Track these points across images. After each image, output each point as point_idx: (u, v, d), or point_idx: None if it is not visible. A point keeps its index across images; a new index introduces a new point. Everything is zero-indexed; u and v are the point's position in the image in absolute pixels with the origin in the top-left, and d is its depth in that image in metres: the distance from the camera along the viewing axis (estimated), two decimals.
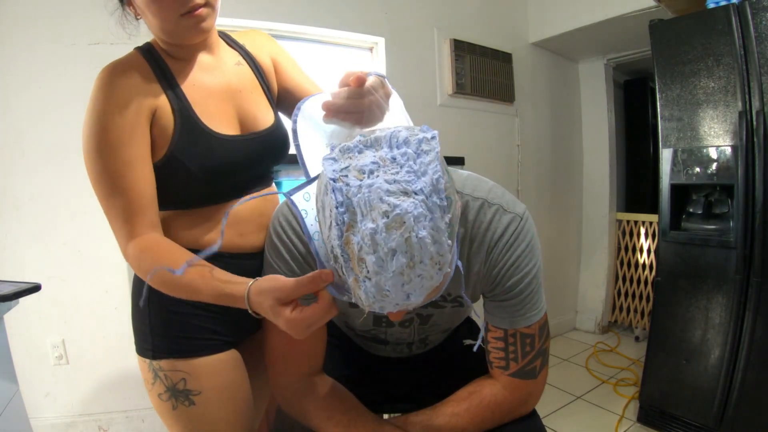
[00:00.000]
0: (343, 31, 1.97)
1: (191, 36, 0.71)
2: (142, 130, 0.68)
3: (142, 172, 0.68)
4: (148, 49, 0.75)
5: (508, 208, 0.67)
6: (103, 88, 0.68)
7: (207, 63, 0.79)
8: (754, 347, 1.46)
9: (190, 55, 0.77)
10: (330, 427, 0.69)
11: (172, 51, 0.75)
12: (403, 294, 0.44)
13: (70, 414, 1.66)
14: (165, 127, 0.71)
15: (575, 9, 2.36)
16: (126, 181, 0.66)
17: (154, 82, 0.72)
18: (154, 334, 0.76)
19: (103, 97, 0.67)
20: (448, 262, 0.46)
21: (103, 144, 0.66)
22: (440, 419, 0.70)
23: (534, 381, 0.71)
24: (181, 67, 0.76)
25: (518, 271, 0.66)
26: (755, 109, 1.43)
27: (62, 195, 1.57)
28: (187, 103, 0.73)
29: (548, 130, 2.79)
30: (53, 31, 1.51)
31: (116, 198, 0.67)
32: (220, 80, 0.79)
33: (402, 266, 0.42)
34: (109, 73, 0.69)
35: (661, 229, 1.74)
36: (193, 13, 0.68)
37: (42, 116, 1.53)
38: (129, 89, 0.68)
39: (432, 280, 0.45)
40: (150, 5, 0.67)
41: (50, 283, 1.57)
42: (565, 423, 1.87)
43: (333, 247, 0.46)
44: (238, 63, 0.83)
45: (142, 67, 0.72)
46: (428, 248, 0.43)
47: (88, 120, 0.67)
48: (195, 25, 0.69)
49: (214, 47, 0.80)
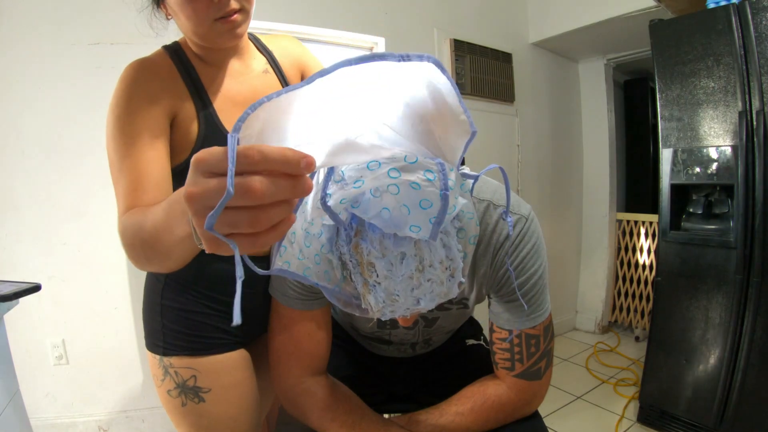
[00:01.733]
0: (343, 31, 1.96)
1: (224, 40, 0.71)
2: (159, 123, 0.68)
3: (152, 156, 0.67)
4: (176, 50, 0.75)
5: (513, 209, 0.67)
6: (127, 81, 0.68)
7: (235, 69, 0.79)
8: (754, 347, 1.46)
9: (221, 60, 0.77)
10: (334, 427, 0.69)
11: (202, 54, 0.76)
12: (412, 299, 0.44)
13: (70, 414, 1.65)
14: (188, 131, 0.72)
15: (575, 9, 2.36)
16: (132, 161, 0.65)
17: (180, 84, 0.72)
18: (165, 330, 0.77)
19: (128, 89, 0.67)
20: (459, 268, 0.45)
21: (119, 130, 0.66)
22: (444, 418, 0.70)
23: (539, 382, 0.71)
24: (209, 71, 0.76)
25: (524, 272, 0.66)
26: (755, 109, 1.43)
27: (62, 195, 1.57)
28: (213, 109, 0.74)
29: (548, 130, 2.79)
30: (54, 31, 1.51)
31: (122, 177, 0.66)
32: (246, 88, 0.79)
33: (411, 270, 0.42)
34: (136, 68, 0.69)
35: (661, 229, 1.74)
36: (227, 18, 0.68)
37: (42, 116, 1.53)
38: (153, 86, 0.69)
39: (443, 286, 0.44)
40: (185, 8, 0.67)
41: (50, 283, 1.57)
42: (565, 423, 1.87)
43: (342, 254, 0.45)
44: (265, 71, 0.84)
45: (169, 68, 0.73)
46: (437, 251, 0.43)
47: (111, 108, 0.68)
48: (229, 30, 0.70)
49: (244, 52, 0.81)
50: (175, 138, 0.71)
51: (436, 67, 0.34)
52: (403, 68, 0.34)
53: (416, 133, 0.40)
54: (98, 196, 1.56)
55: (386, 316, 0.46)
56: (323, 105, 0.34)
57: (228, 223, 0.29)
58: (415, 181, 0.39)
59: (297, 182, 0.29)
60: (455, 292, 0.46)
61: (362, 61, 0.32)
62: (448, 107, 0.38)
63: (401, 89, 0.37)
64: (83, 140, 1.54)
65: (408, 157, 0.39)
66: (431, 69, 0.34)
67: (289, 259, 0.45)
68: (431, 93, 0.37)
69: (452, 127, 0.39)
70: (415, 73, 0.35)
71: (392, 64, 0.33)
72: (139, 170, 0.65)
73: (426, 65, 0.34)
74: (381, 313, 0.45)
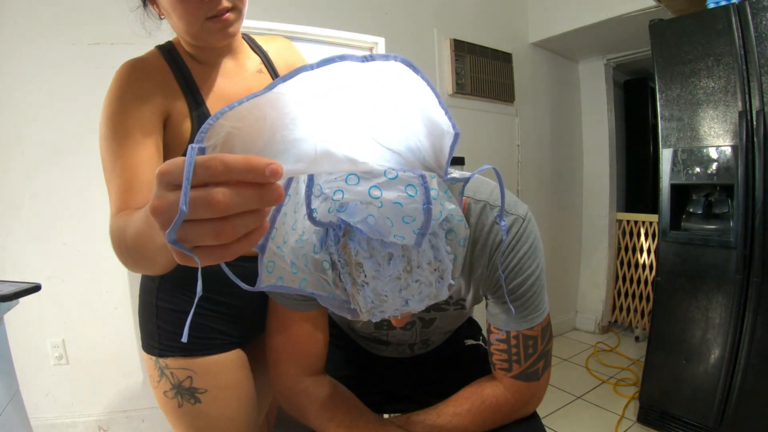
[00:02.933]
0: (343, 31, 1.96)
1: (216, 39, 0.71)
2: (151, 122, 0.68)
3: (144, 155, 0.67)
4: (169, 50, 0.75)
5: (510, 209, 0.67)
6: (120, 81, 0.68)
7: (228, 68, 0.79)
8: (754, 347, 1.46)
9: (214, 59, 0.77)
10: (332, 427, 0.69)
11: (195, 53, 0.75)
12: (401, 299, 0.44)
13: (70, 414, 1.65)
14: (181, 130, 0.72)
15: (575, 9, 2.35)
16: (124, 162, 0.65)
17: (173, 83, 0.72)
18: (161, 331, 0.77)
19: (120, 89, 0.68)
20: (449, 270, 0.45)
21: (111, 130, 0.67)
22: (442, 419, 0.70)
23: (536, 383, 0.71)
24: (202, 71, 0.76)
25: (520, 273, 0.66)
26: (755, 109, 1.43)
27: (62, 195, 1.57)
28: (206, 108, 0.74)
29: (548, 130, 2.79)
30: (53, 31, 1.51)
31: (114, 178, 0.66)
32: (240, 87, 0.79)
33: (399, 271, 0.42)
34: (129, 68, 0.70)
35: (661, 229, 1.74)
36: (219, 17, 0.68)
37: (42, 116, 1.53)
38: (145, 86, 0.69)
39: (432, 287, 0.44)
40: (176, 7, 0.67)
41: (50, 283, 1.57)
42: (565, 423, 1.87)
43: (331, 254, 0.45)
44: (259, 71, 0.83)
45: (162, 68, 0.73)
46: (426, 253, 0.43)
47: (103, 108, 0.68)
48: (221, 30, 0.69)
49: (238, 51, 0.80)
50: (169, 137, 0.71)
51: (407, 66, 0.32)
52: (369, 69, 0.32)
53: (394, 138, 0.38)
54: (98, 196, 1.56)
55: (376, 318, 0.46)
56: (290, 110, 0.33)
57: (192, 236, 0.28)
58: (397, 200, 0.39)
59: (264, 191, 0.28)
60: (445, 294, 0.46)
61: (324, 64, 0.30)
62: (425, 108, 0.36)
63: (371, 91, 0.35)
64: (83, 140, 1.55)
65: (388, 173, 0.38)
66: (401, 69, 0.32)
67: (282, 274, 0.44)
68: (405, 94, 0.35)
69: (432, 129, 0.38)
70: (385, 74, 0.33)
71: (357, 65, 0.31)
72: (131, 171, 0.65)
73: (394, 65, 0.32)
74: (370, 314, 0.45)
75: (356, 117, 0.36)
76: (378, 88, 0.34)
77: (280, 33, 1.85)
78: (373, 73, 0.33)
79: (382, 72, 0.33)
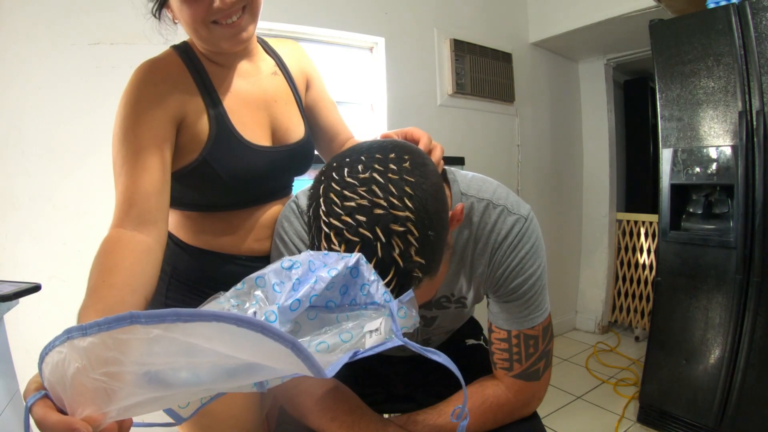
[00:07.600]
0: (343, 31, 1.96)
1: (229, 45, 0.71)
2: (164, 128, 0.68)
3: (151, 163, 0.66)
4: (185, 50, 0.75)
5: (512, 209, 0.67)
6: (137, 83, 0.68)
7: (245, 70, 0.79)
8: (754, 347, 1.46)
9: (230, 61, 0.77)
10: (333, 427, 0.69)
11: (211, 55, 0.75)
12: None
13: None
14: (199, 131, 0.71)
15: (575, 9, 2.36)
16: (129, 167, 0.65)
17: (190, 81, 0.72)
18: None
19: (136, 92, 0.67)
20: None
21: (122, 132, 0.67)
22: (442, 419, 0.70)
23: (537, 383, 0.71)
24: (219, 71, 0.76)
25: (522, 273, 0.66)
26: (755, 109, 1.43)
27: (62, 195, 1.57)
28: (224, 110, 0.73)
29: (548, 130, 2.79)
30: (53, 31, 1.51)
31: (119, 183, 0.66)
32: (256, 89, 0.79)
33: None
34: (146, 69, 0.69)
35: (661, 229, 1.74)
36: (231, 24, 0.68)
37: (42, 116, 1.53)
38: (162, 88, 0.68)
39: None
40: (182, 12, 0.67)
41: (50, 283, 1.56)
42: (565, 423, 1.87)
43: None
44: (274, 73, 0.84)
45: (179, 66, 0.72)
46: None
47: (118, 108, 0.68)
48: (233, 36, 0.69)
49: (253, 54, 0.81)
50: (184, 139, 0.71)
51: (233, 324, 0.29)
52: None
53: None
54: (98, 197, 1.56)
55: None
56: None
57: None
58: None
59: None
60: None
61: (154, 320, 0.29)
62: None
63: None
64: (83, 140, 1.54)
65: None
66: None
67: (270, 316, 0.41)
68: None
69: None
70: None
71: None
72: (133, 179, 0.65)
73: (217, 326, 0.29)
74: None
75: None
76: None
77: (280, 33, 1.84)
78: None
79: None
